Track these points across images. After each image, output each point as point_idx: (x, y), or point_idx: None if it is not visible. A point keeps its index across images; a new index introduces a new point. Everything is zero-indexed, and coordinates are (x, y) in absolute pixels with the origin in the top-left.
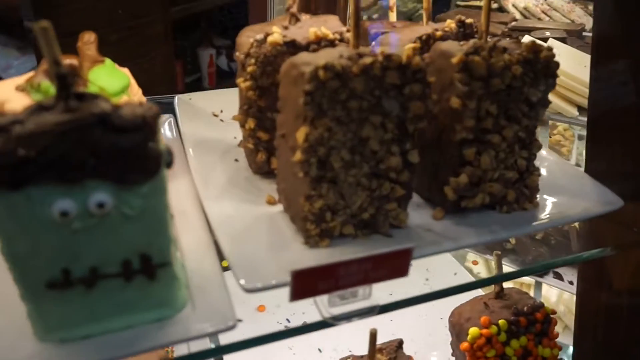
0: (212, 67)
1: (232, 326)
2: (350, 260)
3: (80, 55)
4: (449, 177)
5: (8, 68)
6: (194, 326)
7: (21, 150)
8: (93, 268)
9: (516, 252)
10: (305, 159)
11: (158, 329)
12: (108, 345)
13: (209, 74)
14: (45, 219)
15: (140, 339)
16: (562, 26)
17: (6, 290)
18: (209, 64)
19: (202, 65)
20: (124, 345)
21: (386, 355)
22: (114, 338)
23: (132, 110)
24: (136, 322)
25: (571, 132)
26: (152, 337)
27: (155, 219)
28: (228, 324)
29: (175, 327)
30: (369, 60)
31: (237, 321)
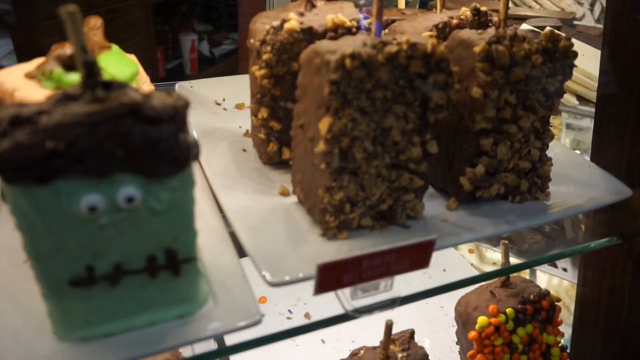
0: (193, 53)
1: (258, 321)
2: (374, 253)
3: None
4: (464, 168)
5: None
6: (218, 322)
7: (50, 142)
8: (117, 264)
9: (512, 240)
10: (328, 150)
11: (182, 325)
12: (131, 344)
13: (191, 60)
14: (72, 215)
15: (164, 337)
16: (554, 14)
17: (24, 288)
18: (190, 49)
19: (184, 51)
20: (147, 343)
21: (399, 345)
22: (136, 336)
23: (162, 100)
24: (159, 319)
25: (559, 120)
26: (176, 334)
27: (182, 213)
28: (254, 319)
29: (199, 324)
30: (395, 49)
31: (262, 316)
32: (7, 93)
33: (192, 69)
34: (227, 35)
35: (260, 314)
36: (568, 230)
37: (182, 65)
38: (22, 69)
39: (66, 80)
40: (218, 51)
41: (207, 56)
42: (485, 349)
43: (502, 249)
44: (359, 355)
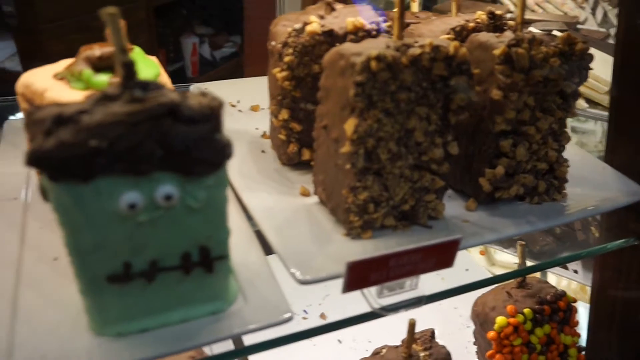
0: (195, 56)
1: (289, 318)
2: (401, 252)
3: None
4: (483, 169)
5: None
6: (250, 319)
7: (93, 141)
8: (153, 261)
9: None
10: (354, 151)
11: (214, 322)
12: (166, 339)
13: (192, 62)
14: (112, 212)
15: (198, 333)
16: (558, 18)
17: (56, 285)
18: (192, 52)
19: (185, 54)
20: (182, 339)
21: (421, 345)
22: (171, 332)
23: (198, 100)
24: (192, 315)
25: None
26: (209, 331)
27: (217, 212)
28: (284, 316)
29: (231, 321)
30: (418, 52)
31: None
32: (36, 94)
33: (193, 72)
34: (228, 38)
35: (290, 312)
36: (579, 232)
37: (184, 68)
38: (49, 69)
39: (95, 81)
40: (219, 54)
41: (208, 59)
42: (504, 349)
43: (518, 250)
44: (381, 354)
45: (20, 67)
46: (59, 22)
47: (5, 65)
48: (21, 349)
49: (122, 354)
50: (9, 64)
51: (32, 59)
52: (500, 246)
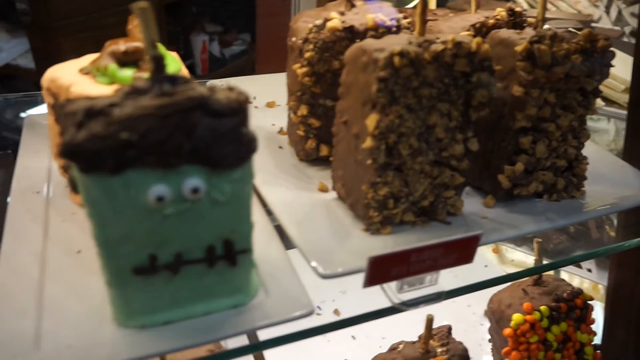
0: (204, 54)
1: (310, 312)
2: (422, 247)
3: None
4: (502, 165)
5: None
6: (272, 312)
7: (124, 133)
8: (178, 254)
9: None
10: (375, 146)
11: (236, 315)
12: (189, 332)
13: (202, 60)
14: (140, 204)
15: (221, 326)
16: (573, 17)
17: (79, 277)
18: (201, 50)
19: (195, 52)
20: (205, 331)
21: (438, 340)
22: (194, 324)
23: (226, 94)
24: (214, 308)
25: None
26: (232, 324)
27: (241, 205)
28: (306, 309)
29: (253, 314)
30: (440, 48)
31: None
32: (62, 88)
33: (203, 70)
34: (237, 36)
35: (312, 305)
36: (593, 230)
37: (193, 66)
38: (74, 64)
39: (120, 76)
40: (228, 52)
41: (217, 57)
42: (520, 346)
43: (535, 247)
44: (398, 349)
45: (34, 64)
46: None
47: (19, 63)
48: (48, 339)
49: (147, 346)
50: (22, 61)
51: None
52: (513, 244)
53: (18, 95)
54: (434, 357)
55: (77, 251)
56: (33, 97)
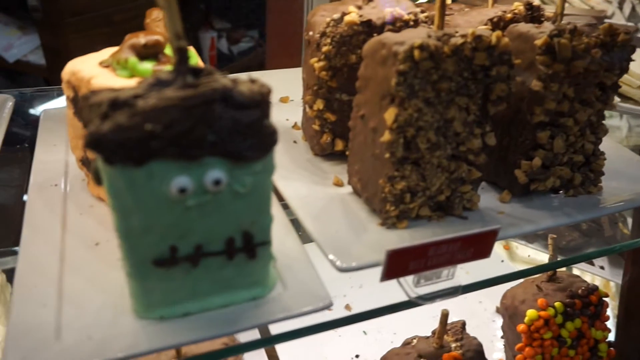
0: (213, 51)
1: (328, 304)
2: (440, 241)
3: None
4: (519, 160)
5: (9, 48)
6: (290, 305)
7: (148, 124)
8: (198, 246)
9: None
10: (393, 140)
11: (255, 308)
12: (208, 324)
13: (210, 57)
14: (163, 196)
15: (240, 318)
16: (586, 13)
17: (98, 269)
18: (210, 47)
19: (204, 49)
20: (224, 323)
21: (452, 336)
22: (213, 316)
23: (249, 86)
24: (233, 300)
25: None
26: (251, 316)
27: (262, 198)
28: (324, 302)
29: (271, 307)
30: (460, 41)
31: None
32: (83, 81)
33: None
34: (245, 33)
35: (330, 298)
36: (606, 227)
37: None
38: (94, 57)
39: (140, 69)
40: (236, 49)
41: (225, 53)
42: (534, 342)
43: (550, 243)
44: (412, 344)
45: (44, 60)
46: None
47: (29, 59)
48: (68, 330)
49: (166, 337)
50: (32, 57)
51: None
52: (524, 240)
53: (33, 90)
54: (448, 353)
55: (95, 243)
56: (48, 91)
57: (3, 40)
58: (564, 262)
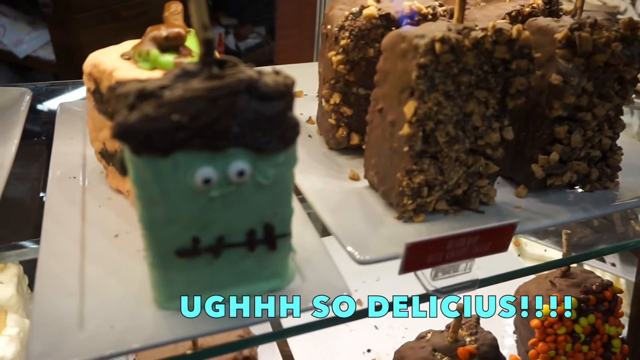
0: (220, 47)
1: (347, 297)
2: (459, 234)
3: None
4: (536, 155)
5: (19, 43)
6: (309, 297)
7: (175, 115)
8: (220, 237)
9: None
10: (413, 134)
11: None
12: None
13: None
14: (187, 186)
15: (260, 309)
16: (598, 8)
17: (118, 260)
18: (217, 43)
19: None
20: (245, 314)
21: (467, 330)
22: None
23: (273, 78)
24: (252, 292)
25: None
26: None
27: (283, 189)
28: (343, 294)
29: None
30: (481, 34)
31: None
32: (105, 73)
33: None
34: (253, 29)
35: (349, 290)
36: (617, 223)
37: None
38: (115, 50)
39: (161, 62)
40: (244, 45)
41: (232, 50)
42: (547, 337)
43: (564, 239)
44: (427, 338)
45: (54, 55)
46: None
47: (39, 54)
48: (91, 319)
49: (188, 327)
50: (42, 52)
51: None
52: (535, 237)
53: (47, 84)
54: (463, 347)
55: (115, 235)
56: (63, 85)
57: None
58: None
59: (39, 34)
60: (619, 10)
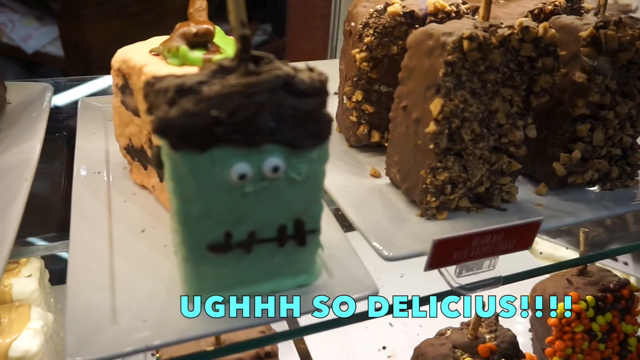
0: None
1: (375, 292)
2: (485, 231)
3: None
4: (558, 153)
5: (28, 38)
6: (337, 292)
7: (215, 110)
8: (252, 232)
9: (573, 233)
10: (439, 131)
11: (302, 295)
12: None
13: None
14: (222, 181)
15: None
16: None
17: (146, 254)
18: None
19: None
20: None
21: (486, 327)
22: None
23: (309, 74)
24: (280, 287)
25: None
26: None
27: (315, 185)
28: (371, 289)
29: (319, 294)
30: (507, 32)
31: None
32: (134, 69)
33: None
34: (259, 26)
35: (376, 286)
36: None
37: None
38: (144, 46)
39: (190, 57)
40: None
41: None
42: (564, 335)
43: (581, 237)
44: (446, 335)
45: (62, 51)
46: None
47: (48, 50)
48: (123, 314)
49: (219, 322)
50: (50, 48)
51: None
52: (547, 235)
53: (66, 80)
54: (483, 344)
55: (142, 230)
56: (80, 80)
57: (22, 31)
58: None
59: (48, 30)
60: (630, 9)
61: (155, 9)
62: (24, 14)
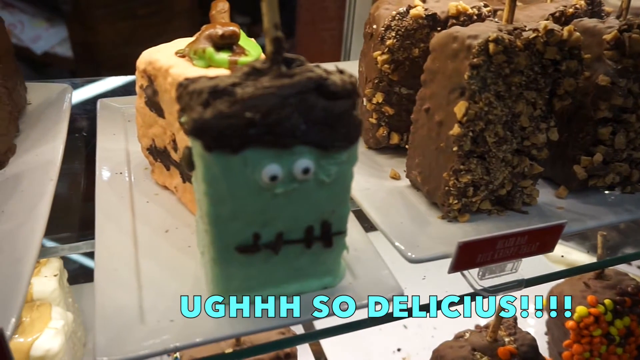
0: None
1: (400, 294)
2: (509, 234)
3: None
4: (579, 156)
5: (37, 39)
6: (362, 294)
7: (248, 112)
8: (280, 233)
9: (587, 237)
10: (463, 134)
11: (329, 295)
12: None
13: None
14: (254, 183)
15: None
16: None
17: (171, 255)
18: None
19: None
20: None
21: (505, 330)
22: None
23: (340, 77)
24: (305, 288)
25: None
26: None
27: (343, 187)
28: (396, 291)
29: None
30: (532, 35)
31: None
32: (161, 70)
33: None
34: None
35: (400, 288)
36: None
37: None
38: (168, 47)
39: (217, 59)
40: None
41: None
42: (582, 339)
43: (599, 241)
44: (465, 337)
45: (71, 52)
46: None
47: (57, 51)
48: (151, 314)
49: (247, 322)
50: (59, 49)
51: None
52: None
53: (83, 80)
54: (503, 346)
55: (165, 230)
56: (97, 80)
57: (31, 31)
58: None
59: (57, 31)
60: None
61: (163, 10)
62: (33, 14)
